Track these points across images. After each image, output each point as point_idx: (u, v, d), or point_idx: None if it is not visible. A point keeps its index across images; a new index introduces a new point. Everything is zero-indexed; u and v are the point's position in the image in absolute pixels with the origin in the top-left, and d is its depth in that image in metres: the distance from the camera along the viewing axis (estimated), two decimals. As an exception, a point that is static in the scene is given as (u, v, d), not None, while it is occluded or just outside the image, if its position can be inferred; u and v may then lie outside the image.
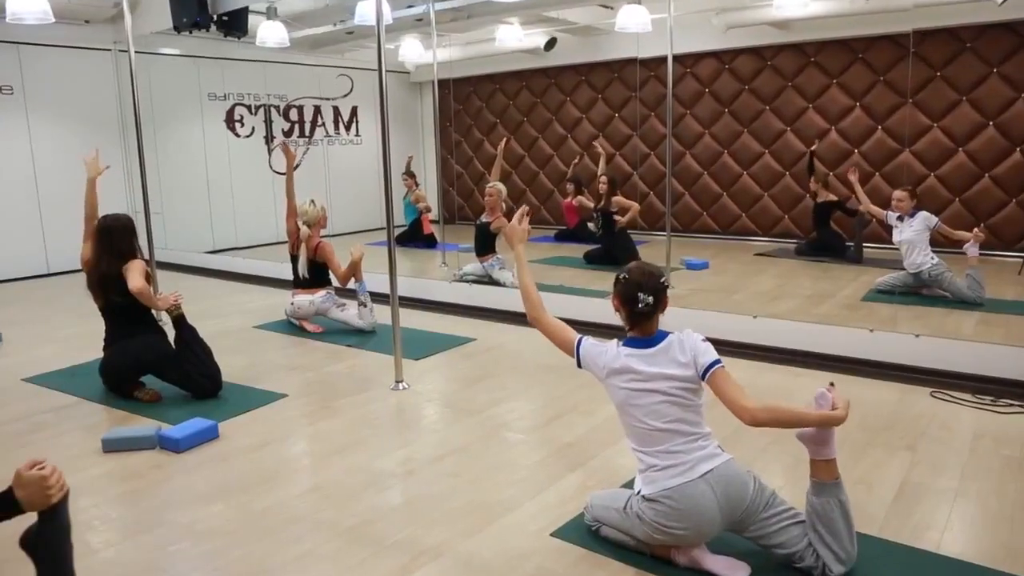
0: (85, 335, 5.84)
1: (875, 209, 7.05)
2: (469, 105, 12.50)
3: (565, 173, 11.28)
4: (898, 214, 6.62)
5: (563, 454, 3.73)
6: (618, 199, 8.48)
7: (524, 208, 3.12)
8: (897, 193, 6.66)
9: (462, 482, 3.45)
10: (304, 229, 6.21)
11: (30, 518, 2.10)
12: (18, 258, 9.09)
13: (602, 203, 8.55)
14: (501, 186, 7.61)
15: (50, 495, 2.07)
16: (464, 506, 3.23)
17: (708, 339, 2.69)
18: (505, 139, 8.42)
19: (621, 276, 2.73)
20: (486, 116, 12.38)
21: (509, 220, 7.47)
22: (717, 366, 2.60)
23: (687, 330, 2.71)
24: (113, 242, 4.59)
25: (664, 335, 2.71)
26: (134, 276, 4.48)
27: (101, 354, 4.77)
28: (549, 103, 11.64)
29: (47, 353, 5.79)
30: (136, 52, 6.81)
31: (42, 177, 9.21)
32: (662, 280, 2.70)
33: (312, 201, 6.34)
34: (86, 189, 5.01)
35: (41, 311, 7.39)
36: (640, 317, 2.69)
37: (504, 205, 7.60)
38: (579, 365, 2.82)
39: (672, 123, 7.34)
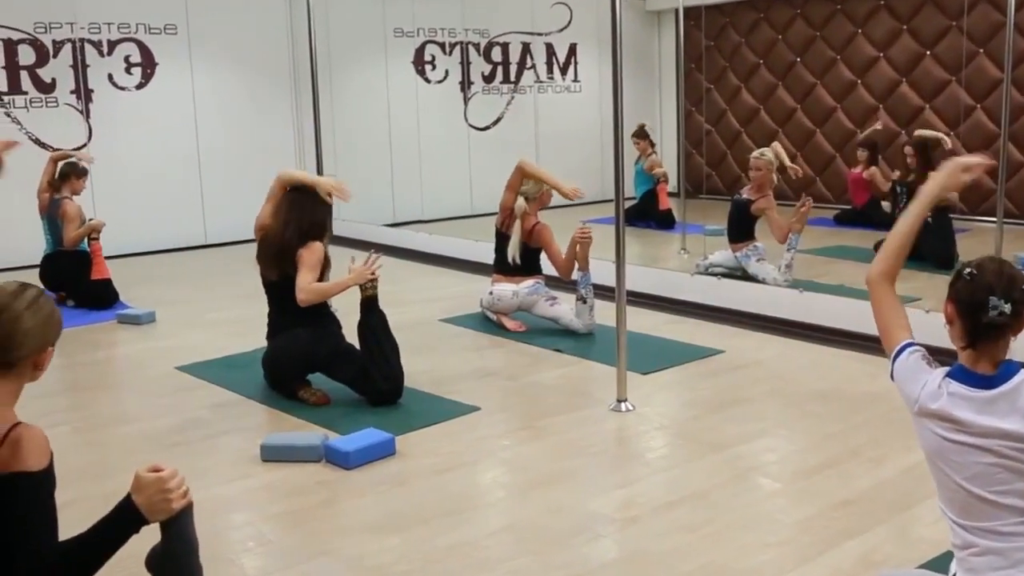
0: (245, 319, 6.32)
1: None
2: (723, 41, 12.31)
3: (851, 132, 10.86)
4: None
5: (838, 514, 3.60)
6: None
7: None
8: None
9: (699, 539, 3.42)
10: (520, 203, 6.34)
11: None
12: (175, 226, 10.00)
13: (910, 176, 8.11)
14: (772, 155, 7.38)
15: (170, 499, 2.29)
16: (700, 570, 3.20)
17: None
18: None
19: (965, 272, 2.50)
20: (745, 55, 12.13)
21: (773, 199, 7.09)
22: None
23: None
24: (307, 213, 4.91)
25: (1013, 369, 2.48)
26: (304, 275, 4.79)
27: (263, 343, 5.17)
28: (832, 38, 11.24)
29: (203, 338, 6.35)
30: (315, -21, 7.28)
31: (203, 132, 10.09)
32: None
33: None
34: (300, 176, 5.24)
35: (197, 289, 8.11)
36: (985, 335, 2.46)
37: (775, 179, 7.37)
38: (892, 377, 2.67)
39: (1011, 64, 6.82)
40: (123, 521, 2.30)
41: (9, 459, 2.20)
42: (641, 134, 10.65)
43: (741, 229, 7.40)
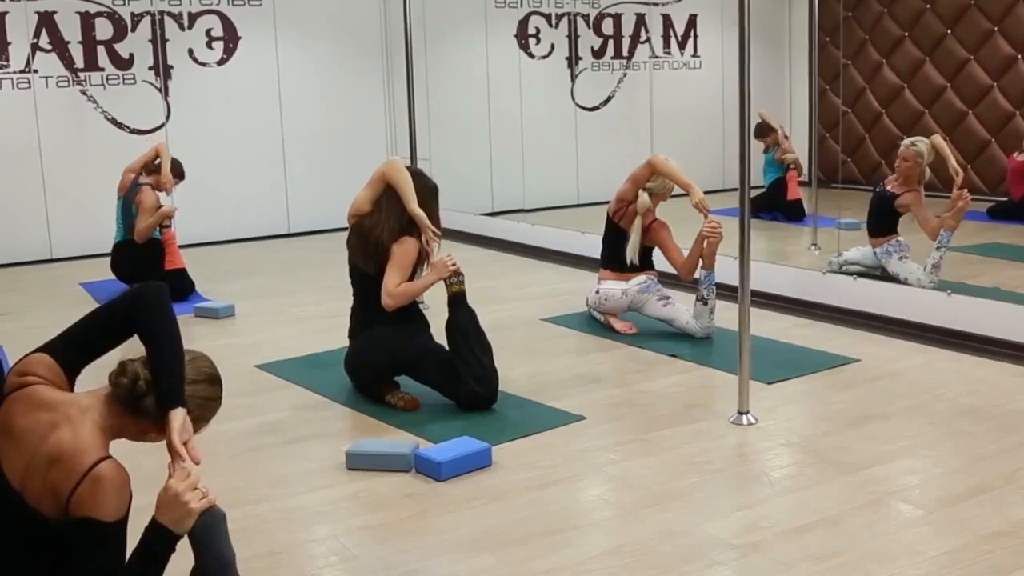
0: (331, 315, 6.44)
1: None
2: (863, 11, 12.09)
3: (1008, 114, 10.61)
4: None
5: (989, 547, 3.51)
6: None
7: None
8: None
9: (829, 569, 3.37)
10: (644, 199, 6.28)
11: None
12: (257, 213, 10.25)
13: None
14: (925, 148, 7.16)
15: (187, 502, 2.37)
16: (832, 605, 3.16)
17: None
18: None
19: None
20: (888, 27, 11.90)
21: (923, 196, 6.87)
22: None
23: None
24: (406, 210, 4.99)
25: None
26: (392, 275, 4.88)
27: (346, 342, 5.26)
28: (989, 6, 10.96)
29: (286, 334, 6.50)
30: (410, -57, 7.37)
31: (288, 112, 10.30)
32: None
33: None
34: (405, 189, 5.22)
35: (280, 282, 8.29)
36: None
37: (926, 172, 7.17)
38: None
39: None
40: (157, 544, 2.38)
41: (86, 499, 2.26)
42: (763, 131, 10.38)
43: (882, 222, 7.26)
